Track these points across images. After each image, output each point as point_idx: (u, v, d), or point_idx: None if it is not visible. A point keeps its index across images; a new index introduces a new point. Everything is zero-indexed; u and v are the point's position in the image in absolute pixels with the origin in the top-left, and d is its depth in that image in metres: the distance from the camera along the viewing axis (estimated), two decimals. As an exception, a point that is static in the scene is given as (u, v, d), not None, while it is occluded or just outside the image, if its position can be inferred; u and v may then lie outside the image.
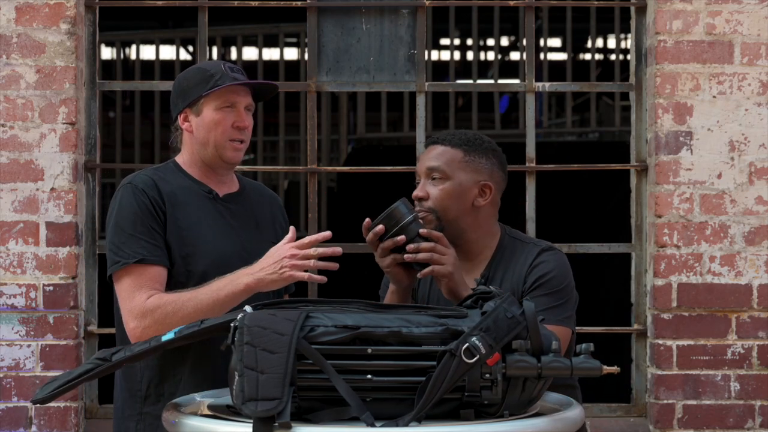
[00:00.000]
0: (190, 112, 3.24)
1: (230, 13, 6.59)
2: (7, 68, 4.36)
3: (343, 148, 9.73)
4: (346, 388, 2.48)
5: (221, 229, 3.23)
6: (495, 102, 9.58)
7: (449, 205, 3.20)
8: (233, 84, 3.20)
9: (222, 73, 3.20)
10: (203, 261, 3.16)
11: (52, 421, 4.33)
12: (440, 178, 3.20)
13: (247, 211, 3.31)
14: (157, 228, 3.14)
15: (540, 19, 8.70)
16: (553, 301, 3.15)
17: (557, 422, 2.60)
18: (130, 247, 3.12)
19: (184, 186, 3.24)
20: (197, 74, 3.24)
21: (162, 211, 3.16)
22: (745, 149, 4.40)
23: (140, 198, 3.15)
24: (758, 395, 4.38)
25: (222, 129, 3.21)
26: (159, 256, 3.12)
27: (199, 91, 3.20)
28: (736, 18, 4.40)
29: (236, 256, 3.16)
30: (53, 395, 2.67)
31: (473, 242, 3.23)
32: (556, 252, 3.25)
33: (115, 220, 3.17)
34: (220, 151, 3.23)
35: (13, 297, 4.33)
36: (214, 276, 3.11)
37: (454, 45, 9.46)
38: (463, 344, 2.49)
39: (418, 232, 3.08)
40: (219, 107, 3.21)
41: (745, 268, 4.38)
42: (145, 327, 3.05)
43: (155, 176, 3.24)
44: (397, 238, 3.07)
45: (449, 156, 3.22)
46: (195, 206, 3.22)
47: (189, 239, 3.17)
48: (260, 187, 3.48)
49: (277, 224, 3.39)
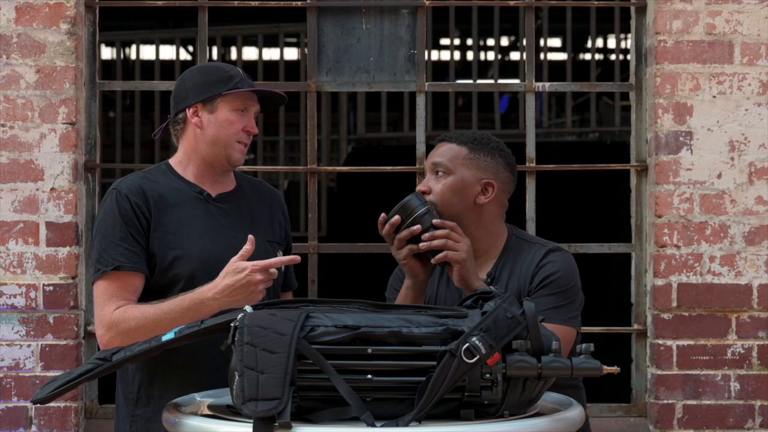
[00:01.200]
0: (202, 107, 3.25)
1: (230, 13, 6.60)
2: (7, 68, 4.36)
3: (343, 148, 9.73)
4: (346, 388, 2.48)
5: (211, 230, 3.23)
6: (495, 102, 9.59)
7: (450, 199, 3.23)
8: (252, 90, 3.25)
9: (241, 77, 3.25)
10: (190, 265, 3.17)
11: (52, 421, 4.33)
12: (443, 174, 3.24)
13: (242, 210, 3.31)
14: (136, 234, 3.16)
15: (540, 19, 8.71)
16: (558, 300, 3.17)
17: (557, 422, 2.60)
18: (109, 254, 3.16)
19: (174, 188, 3.25)
20: (216, 72, 3.27)
21: (145, 216, 3.18)
22: (745, 149, 4.40)
23: (122, 204, 3.18)
24: (758, 395, 4.38)
25: (234, 130, 3.25)
26: (136, 263, 3.15)
27: (218, 89, 3.23)
28: (736, 18, 4.40)
29: (226, 257, 3.13)
30: (53, 395, 2.67)
31: (477, 240, 3.24)
32: (563, 252, 3.26)
33: (98, 226, 3.23)
34: (228, 151, 3.25)
35: (13, 297, 4.33)
36: (201, 279, 3.11)
37: (454, 45, 9.46)
38: (463, 344, 2.49)
39: (432, 222, 3.13)
40: (235, 108, 3.25)
41: (745, 268, 4.38)
42: (110, 337, 3.10)
43: (143, 180, 3.25)
44: (413, 228, 3.12)
45: (454, 152, 3.26)
46: (184, 209, 3.22)
47: (176, 243, 3.18)
48: (260, 184, 3.48)
49: (276, 222, 3.39)
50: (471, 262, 3.13)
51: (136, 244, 3.16)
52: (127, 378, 3.21)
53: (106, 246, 3.17)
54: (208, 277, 3.11)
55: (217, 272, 3.09)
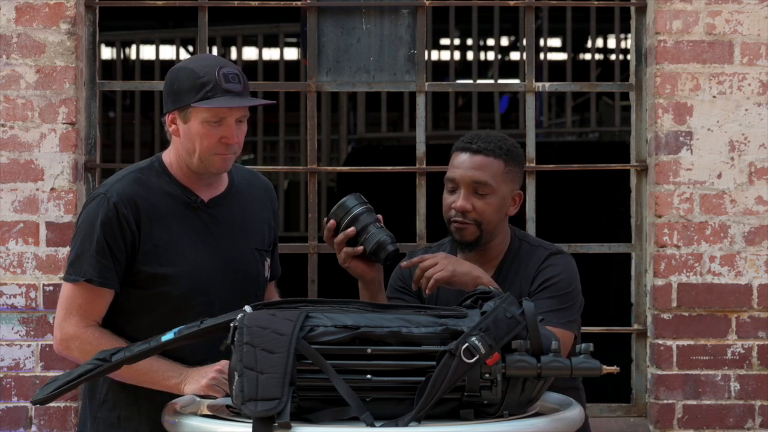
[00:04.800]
0: (178, 115, 3.05)
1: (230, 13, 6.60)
2: (7, 68, 4.36)
3: (343, 148, 9.73)
4: (345, 388, 2.49)
5: (204, 244, 3.11)
6: (495, 102, 9.58)
7: (494, 218, 3.20)
8: (222, 105, 2.98)
9: (214, 83, 2.97)
10: (181, 283, 3.06)
11: (52, 421, 4.33)
12: (489, 193, 3.19)
13: (234, 215, 3.18)
14: (115, 248, 3.03)
15: (540, 19, 8.70)
16: (557, 304, 3.16)
17: (557, 422, 2.60)
18: (81, 263, 3.04)
19: (166, 192, 3.10)
20: (189, 78, 3.01)
21: (131, 230, 3.03)
22: (745, 149, 4.40)
23: (108, 214, 3.02)
24: (758, 395, 4.37)
25: (208, 143, 3.02)
26: (108, 278, 3.03)
27: (188, 98, 3.00)
28: (736, 18, 4.40)
29: (219, 273, 3.09)
30: (53, 396, 2.67)
31: (493, 247, 3.25)
32: (564, 256, 3.26)
33: (78, 226, 3.09)
34: (206, 164, 3.05)
35: (13, 297, 4.33)
36: (193, 296, 3.05)
37: (454, 45, 9.46)
38: (462, 344, 2.50)
39: (374, 221, 3.09)
40: (206, 120, 3.01)
41: (745, 268, 4.38)
42: (66, 348, 3.07)
43: (135, 186, 3.08)
44: (347, 231, 3.08)
45: (494, 169, 3.19)
46: (177, 220, 3.09)
47: (167, 259, 3.05)
48: (252, 176, 3.31)
49: (266, 223, 3.26)
50: (459, 265, 3.11)
51: (111, 258, 3.02)
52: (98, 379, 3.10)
53: (81, 253, 3.05)
54: (200, 294, 3.06)
55: (208, 287, 3.05)
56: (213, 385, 2.88)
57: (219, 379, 2.87)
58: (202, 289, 3.07)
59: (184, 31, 9.87)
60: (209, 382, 2.88)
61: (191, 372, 2.96)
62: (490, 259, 3.26)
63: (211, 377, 2.89)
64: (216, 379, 2.88)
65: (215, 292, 3.09)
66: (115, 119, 9.77)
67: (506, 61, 11.66)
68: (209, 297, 3.08)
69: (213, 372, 2.90)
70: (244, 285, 3.15)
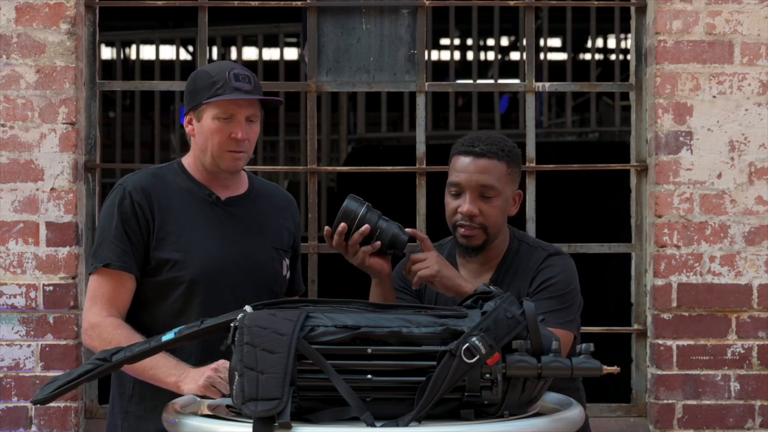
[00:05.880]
0: (193, 115, 3.21)
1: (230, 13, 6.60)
2: (7, 68, 4.36)
3: (343, 148, 9.73)
4: (346, 388, 2.49)
5: (217, 235, 3.20)
6: (495, 102, 9.58)
7: (499, 220, 3.21)
8: (229, 98, 3.13)
9: (224, 82, 3.14)
10: (191, 269, 3.15)
11: (52, 421, 4.33)
12: (494, 196, 3.18)
13: (251, 215, 3.27)
14: (131, 234, 3.15)
15: (540, 19, 8.70)
16: (556, 304, 3.16)
17: (557, 422, 2.60)
18: (102, 250, 3.17)
19: (183, 188, 3.23)
20: (202, 78, 3.19)
21: (146, 216, 3.16)
22: (745, 149, 4.40)
23: (124, 201, 3.17)
24: (758, 395, 4.38)
25: (219, 139, 3.16)
26: (126, 262, 3.14)
27: (201, 97, 3.16)
28: (736, 18, 4.40)
29: (231, 263, 3.15)
30: (53, 396, 2.67)
31: (492, 248, 3.24)
32: (563, 257, 3.26)
33: (99, 222, 3.25)
34: (218, 161, 3.19)
35: (13, 297, 4.33)
36: (203, 284, 3.12)
37: (454, 45, 9.46)
38: (463, 344, 2.50)
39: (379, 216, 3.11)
40: (217, 117, 3.16)
41: (745, 268, 4.38)
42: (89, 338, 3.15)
43: (151, 178, 3.23)
44: (362, 229, 3.09)
45: (499, 171, 3.18)
46: (191, 211, 3.20)
47: (178, 245, 3.16)
48: (273, 189, 3.43)
49: (285, 229, 3.34)
50: (447, 269, 3.12)
51: (128, 243, 3.15)
52: (124, 375, 3.21)
53: (101, 241, 3.18)
54: (210, 282, 3.12)
55: (220, 277, 3.11)
56: (209, 384, 2.89)
57: (214, 378, 2.89)
58: (213, 276, 3.12)
59: (184, 31, 9.87)
60: (206, 382, 2.90)
61: (191, 371, 2.98)
62: (490, 259, 3.26)
63: (207, 376, 2.91)
64: (211, 378, 2.89)
65: (226, 281, 3.15)
66: (115, 119, 9.77)
67: (506, 61, 11.66)
68: (219, 286, 3.14)
69: (209, 371, 2.92)
70: (259, 278, 3.21)
